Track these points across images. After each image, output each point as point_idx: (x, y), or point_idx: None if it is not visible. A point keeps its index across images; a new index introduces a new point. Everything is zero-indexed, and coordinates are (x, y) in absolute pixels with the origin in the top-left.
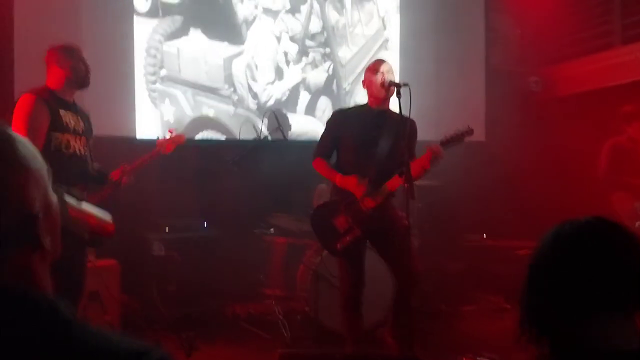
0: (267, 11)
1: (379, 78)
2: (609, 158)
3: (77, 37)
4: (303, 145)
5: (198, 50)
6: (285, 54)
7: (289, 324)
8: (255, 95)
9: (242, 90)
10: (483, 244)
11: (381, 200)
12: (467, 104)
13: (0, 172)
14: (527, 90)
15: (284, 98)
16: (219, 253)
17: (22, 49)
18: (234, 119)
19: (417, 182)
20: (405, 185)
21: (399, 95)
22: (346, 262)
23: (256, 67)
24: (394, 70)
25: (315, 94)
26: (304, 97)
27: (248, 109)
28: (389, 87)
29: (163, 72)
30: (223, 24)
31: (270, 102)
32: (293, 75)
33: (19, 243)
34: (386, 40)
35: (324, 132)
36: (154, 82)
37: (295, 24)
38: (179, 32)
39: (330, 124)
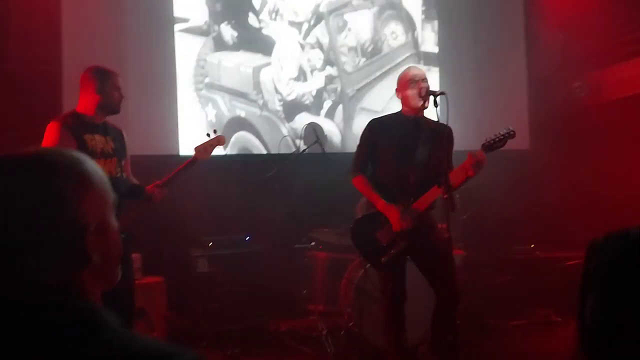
0: (292, 23)
1: (414, 87)
2: None
3: (122, 57)
4: (342, 158)
5: (234, 61)
6: (309, 60)
7: (332, 339)
8: (280, 95)
9: (268, 95)
10: (531, 256)
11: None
12: (509, 112)
13: (61, 184)
14: (572, 96)
15: (307, 101)
16: (262, 269)
17: (70, 72)
18: (260, 119)
19: (459, 193)
20: (445, 196)
21: (435, 104)
22: (388, 275)
23: (281, 68)
24: (429, 79)
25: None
26: (327, 103)
27: (273, 111)
28: (426, 96)
29: (207, 80)
30: (254, 39)
31: (292, 97)
32: (316, 80)
33: (68, 254)
34: (416, 53)
35: (360, 143)
36: (201, 90)
37: (319, 35)
38: (221, 47)
39: (366, 133)
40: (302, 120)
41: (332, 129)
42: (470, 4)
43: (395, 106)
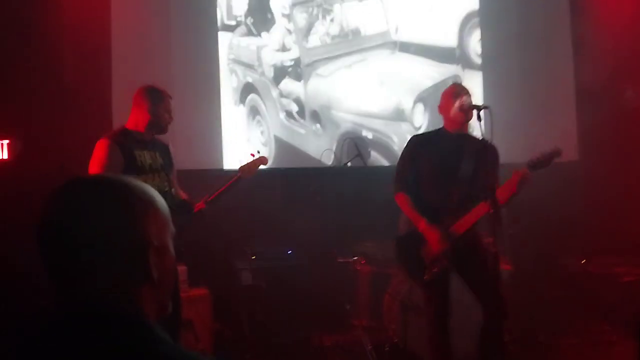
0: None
1: (457, 102)
2: None
3: (168, 73)
4: (386, 171)
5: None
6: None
7: (377, 355)
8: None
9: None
10: (583, 270)
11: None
12: (557, 122)
13: (132, 201)
14: (623, 104)
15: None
16: (305, 282)
17: (119, 87)
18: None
19: (507, 208)
20: (491, 211)
21: (479, 118)
22: (432, 292)
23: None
24: (473, 92)
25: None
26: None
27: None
28: (468, 111)
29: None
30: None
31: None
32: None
33: (131, 270)
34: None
35: (400, 160)
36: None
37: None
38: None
39: (408, 150)
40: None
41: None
42: (515, 9)
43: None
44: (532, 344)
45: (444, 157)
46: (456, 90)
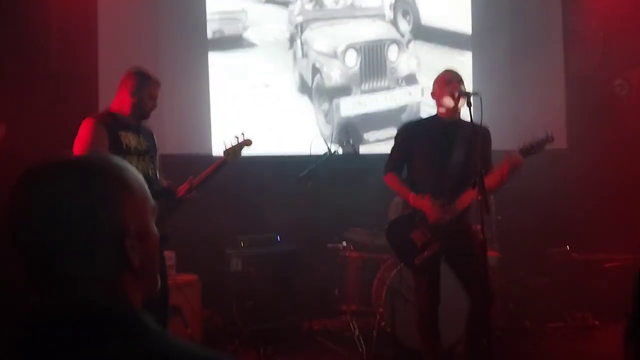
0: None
1: (449, 89)
2: None
3: (156, 57)
4: (375, 158)
5: None
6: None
7: (365, 339)
8: None
9: None
10: (568, 258)
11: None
12: (546, 110)
13: (104, 188)
14: (612, 94)
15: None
16: (294, 268)
17: (105, 72)
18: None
19: (494, 194)
20: (479, 197)
21: (469, 104)
22: (423, 277)
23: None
24: (463, 79)
25: None
26: None
27: None
28: (459, 98)
29: None
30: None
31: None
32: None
33: (110, 258)
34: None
35: (394, 146)
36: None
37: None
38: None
39: (400, 137)
40: None
41: None
42: None
43: None
44: (519, 329)
45: (436, 143)
46: (448, 77)
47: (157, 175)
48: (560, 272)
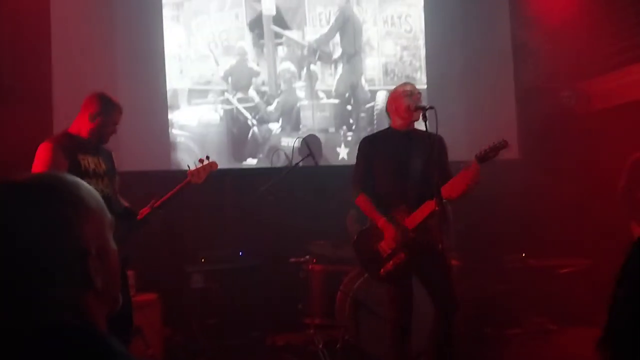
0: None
1: (404, 102)
2: (629, 174)
3: (113, 71)
4: (334, 170)
5: None
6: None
7: (329, 352)
8: None
9: None
10: (525, 265)
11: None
12: (497, 121)
13: (60, 207)
14: (560, 105)
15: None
16: (257, 283)
17: (60, 88)
18: None
19: (451, 204)
20: (437, 208)
21: (425, 118)
22: (393, 288)
23: None
24: (418, 91)
25: None
26: None
27: None
28: (415, 111)
29: None
30: None
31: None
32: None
33: (71, 279)
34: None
35: (356, 162)
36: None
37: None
38: None
39: (360, 152)
40: None
41: None
42: (457, 13)
43: None
44: (479, 336)
45: (395, 155)
46: (405, 90)
47: (117, 197)
48: (517, 278)
